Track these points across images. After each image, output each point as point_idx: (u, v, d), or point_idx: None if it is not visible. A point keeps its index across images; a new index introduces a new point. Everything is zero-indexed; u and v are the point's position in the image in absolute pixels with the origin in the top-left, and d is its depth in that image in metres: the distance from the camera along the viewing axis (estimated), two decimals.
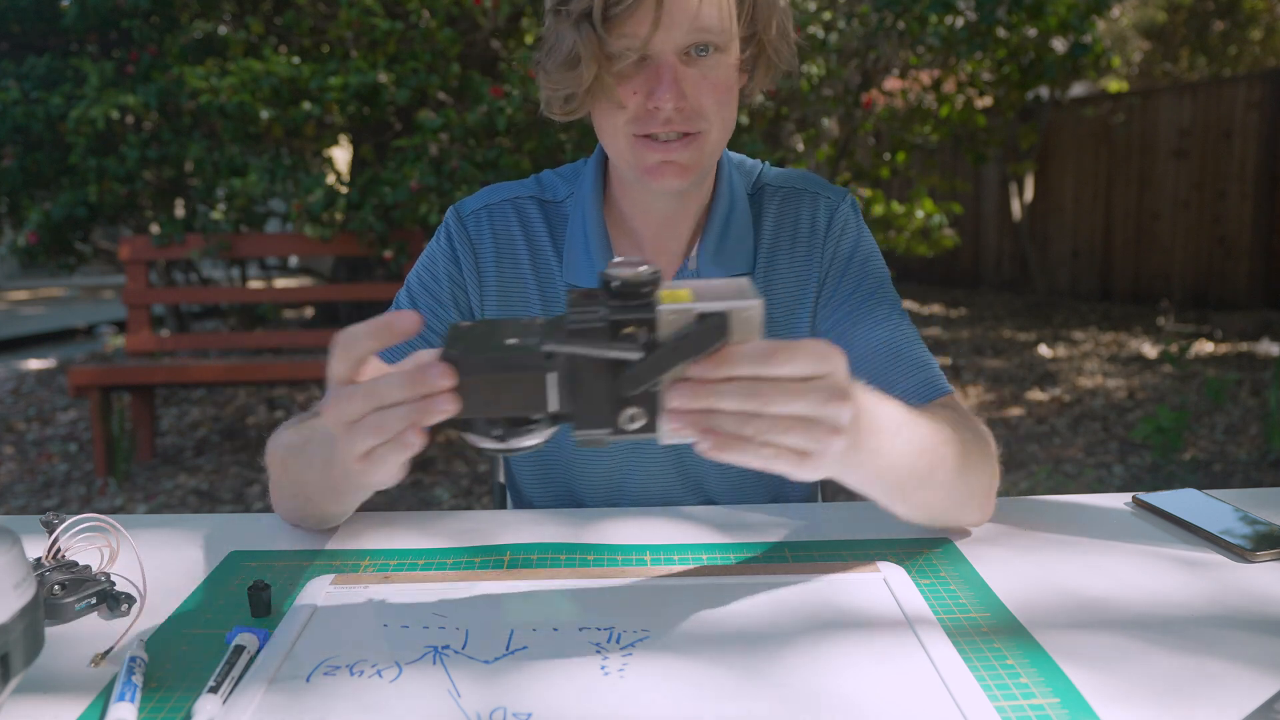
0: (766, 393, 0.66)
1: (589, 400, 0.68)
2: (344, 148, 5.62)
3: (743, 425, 0.67)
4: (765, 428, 0.67)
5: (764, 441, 0.68)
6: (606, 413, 0.68)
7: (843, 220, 1.12)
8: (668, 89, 0.94)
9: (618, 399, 0.67)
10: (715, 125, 0.99)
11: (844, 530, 0.99)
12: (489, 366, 0.66)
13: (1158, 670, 0.71)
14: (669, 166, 0.99)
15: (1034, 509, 1.05)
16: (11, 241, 4.98)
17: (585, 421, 0.68)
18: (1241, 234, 7.30)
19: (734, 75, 1.00)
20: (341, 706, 0.68)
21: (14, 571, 0.63)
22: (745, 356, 0.66)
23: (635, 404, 0.68)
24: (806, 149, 4.55)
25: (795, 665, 0.72)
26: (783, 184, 1.15)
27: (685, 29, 0.94)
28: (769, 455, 0.68)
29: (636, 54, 0.94)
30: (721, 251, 1.10)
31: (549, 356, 0.66)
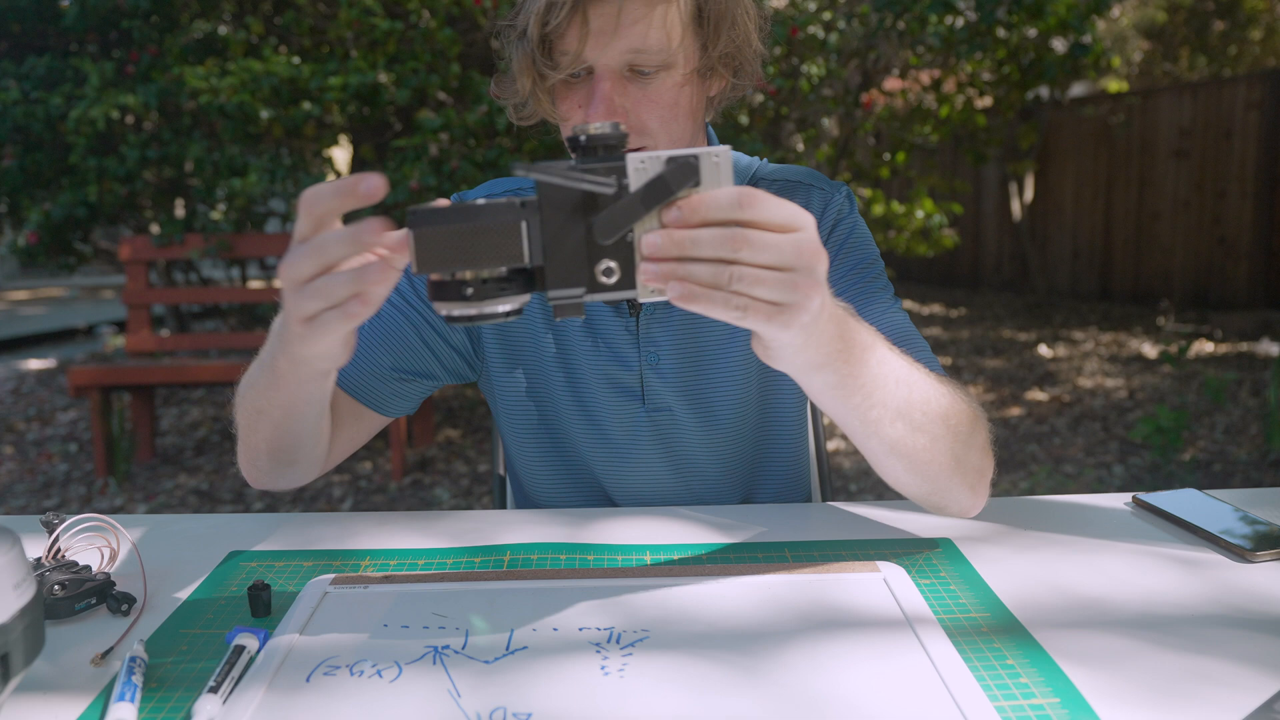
0: (740, 238, 0.65)
1: (564, 253, 0.66)
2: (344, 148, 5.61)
3: (717, 274, 0.66)
4: (738, 276, 0.66)
5: (737, 291, 0.66)
6: (582, 267, 0.66)
7: (836, 211, 1.12)
8: (598, 105, 0.95)
9: (593, 251, 0.66)
10: (661, 141, 0.99)
11: (844, 530, 1.00)
12: (457, 217, 0.64)
13: (1158, 670, 0.71)
14: None
15: (1034, 509, 1.05)
16: (11, 241, 4.98)
17: (560, 277, 0.66)
18: (1241, 234, 7.30)
19: (683, 91, 0.99)
20: (341, 706, 0.68)
21: (14, 571, 0.63)
22: (718, 201, 0.65)
23: (610, 256, 0.66)
24: (806, 149, 4.55)
25: (795, 665, 0.72)
26: (778, 177, 1.15)
27: (620, 48, 0.94)
28: (742, 306, 0.67)
29: (566, 71, 0.96)
30: None
31: (523, 205, 0.65)
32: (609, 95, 0.95)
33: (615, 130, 0.66)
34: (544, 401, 1.16)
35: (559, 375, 1.14)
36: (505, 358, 1.16)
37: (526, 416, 1.18)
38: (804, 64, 4.13)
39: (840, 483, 3.95)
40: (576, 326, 1.13)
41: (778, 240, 0.66)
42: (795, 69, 4.17)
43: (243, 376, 0.98)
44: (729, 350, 1.12)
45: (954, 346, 6.64)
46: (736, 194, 0.66)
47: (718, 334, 1.12)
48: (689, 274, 0.66)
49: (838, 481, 3.95)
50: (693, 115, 1.02)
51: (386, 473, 4.12)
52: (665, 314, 1.11)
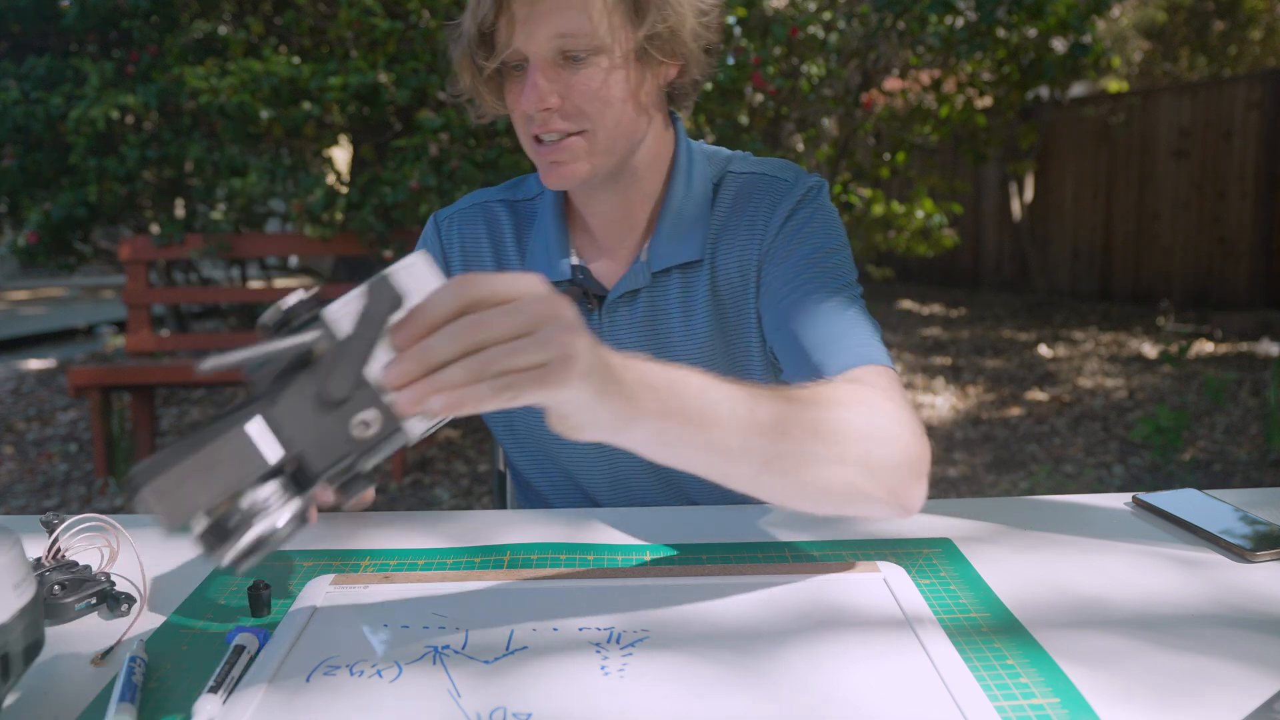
0: (476, 322, 0.60)
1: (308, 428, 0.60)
2: (344, 148, 5.61)
3: (469, 369, 0.60)
4: (489, 360, 0.60)
5: (498, 373, 0.60)
6: (336, 433, 0.60)
7: (791, 203, 1.08)
8: (529, 93, 0.97)
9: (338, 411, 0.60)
10: (600, 127, 1.00)
11: (844, 530, 1.00)
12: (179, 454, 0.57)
13: (1158, 670, 0.71)
14: (558, 166, 1.02)
15: (1034, 509, 1.05)
16: (11, 241, 4.98)
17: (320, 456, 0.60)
18: (1241, 234, 7.30)
19: (617, 76, 0.99)
20: (341, 706, 0.68)
21: (14, 571, 0.63)
22: (436, 301, 0.60)
23: (360, 408, 0.60)
24: (806, 149, 4.55)
25: (795, 665, 0.72)
26: (747, 170, 1.13)
27: (544, 36, 0.96)
28: (509, 385, 0.61)
29: (497, 60, 0.99)
30: (670, 244, 1.10)
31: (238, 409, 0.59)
32: (538, 82, 0.97)
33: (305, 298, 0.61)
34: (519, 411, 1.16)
35: None
36: None
37: (499, 421, 1.19)
38: (804, 64, 4.13)
39: None
40: None
41: (510, 308, 0.61)
42: (795, 69, 4.17)
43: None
44: (689, 342, 1.12)
45: (954, 346, 6.64)
46: (454, 284, 0.61)
47: (676, 325, 1.12)
48: (444, 383, 0.60)
49: None
50: (632, 102, 1.01)
51: (386, 473, 4.12)
52: (627, 308, 1.11)
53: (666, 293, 1.11)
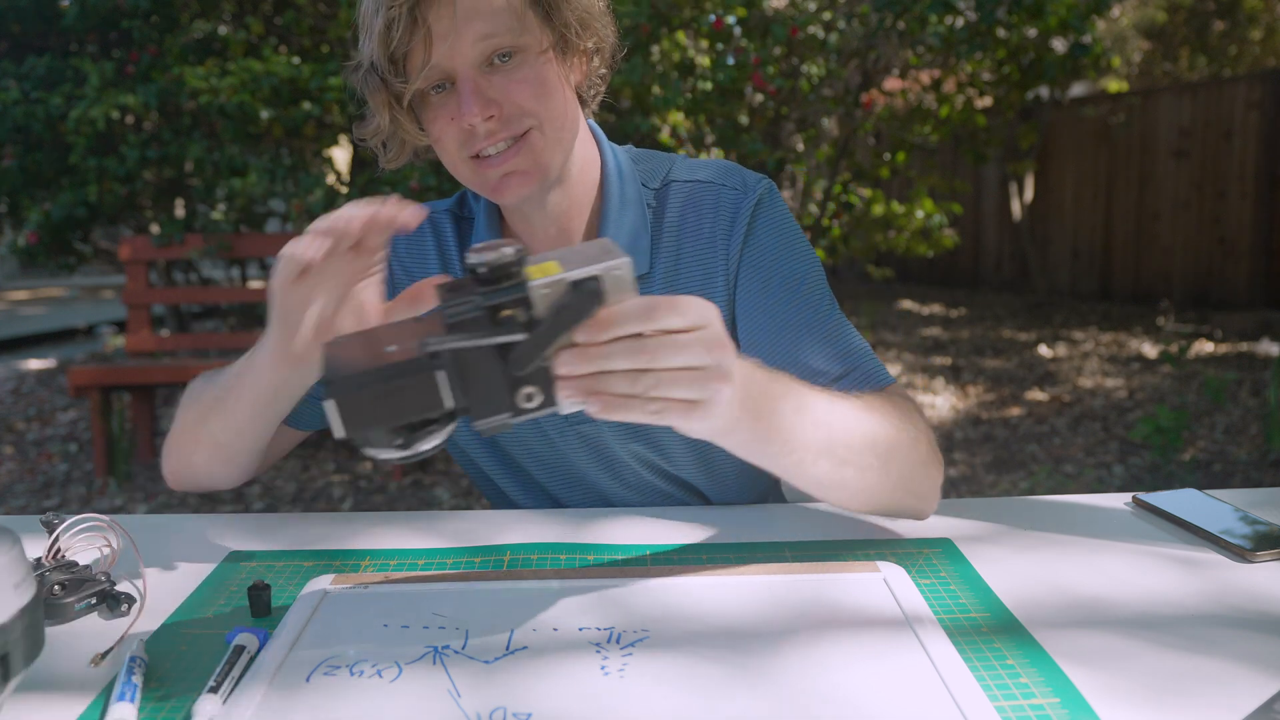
0: (651, 348, 0.67)
1: (483, 389, 0.66)
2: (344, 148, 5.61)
3: (632, 383, 0.67)
4: (653, 383, 0.68)
5: (653, 396, 0.68)
6: (503, 397, 0.67)
7: (750, 210, 1.06)
8: (470, 104, 0.93)
9: (511, 381, 0.67)
10: (545, 120, 0.97)
11: (844, 530, 1.00)
12: (374, 378, 0.64)
13: (1158, 670, 0.71)
14: (511, 177, 0.98)
15: (1034, 509, 1.05)
16: (11, 241, 4.98)
17: (483, 410, 0.67)
18: (1241, 234, 7.30)
19: (548, 67, 0.97)
20: (341, 706, 0.68)
21: (14, 571, 0.63)
22: (626, 316, 0.66)
23: (529, 382, 0.67)
24: (806, 149, 4.55)
25: (795, 665, 0.72)
26: (690, 178, 1.10)
27: (468, 42, 0.92)
28: (658, 409, 0.69)
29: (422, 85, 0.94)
30: None
31: (434, 355, 0.65)
32: (477, 91, 0.94)
33: (514, 255, 0.66)
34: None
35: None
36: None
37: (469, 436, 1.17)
38: (804, 64, 4.13)
39: None
40: None
41: (685, 341, 0.67)
42: (795, 69, 4.17)
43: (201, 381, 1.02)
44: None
45: (954, 346, 6.64)
46: (642, 306, 0.67)
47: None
48: (605, 388, 0.67)
49: None
50: (565, 94, 0.99)
51: (386, 473, 4.12)
52: None
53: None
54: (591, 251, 0.69)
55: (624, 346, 0.66)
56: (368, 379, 0.64)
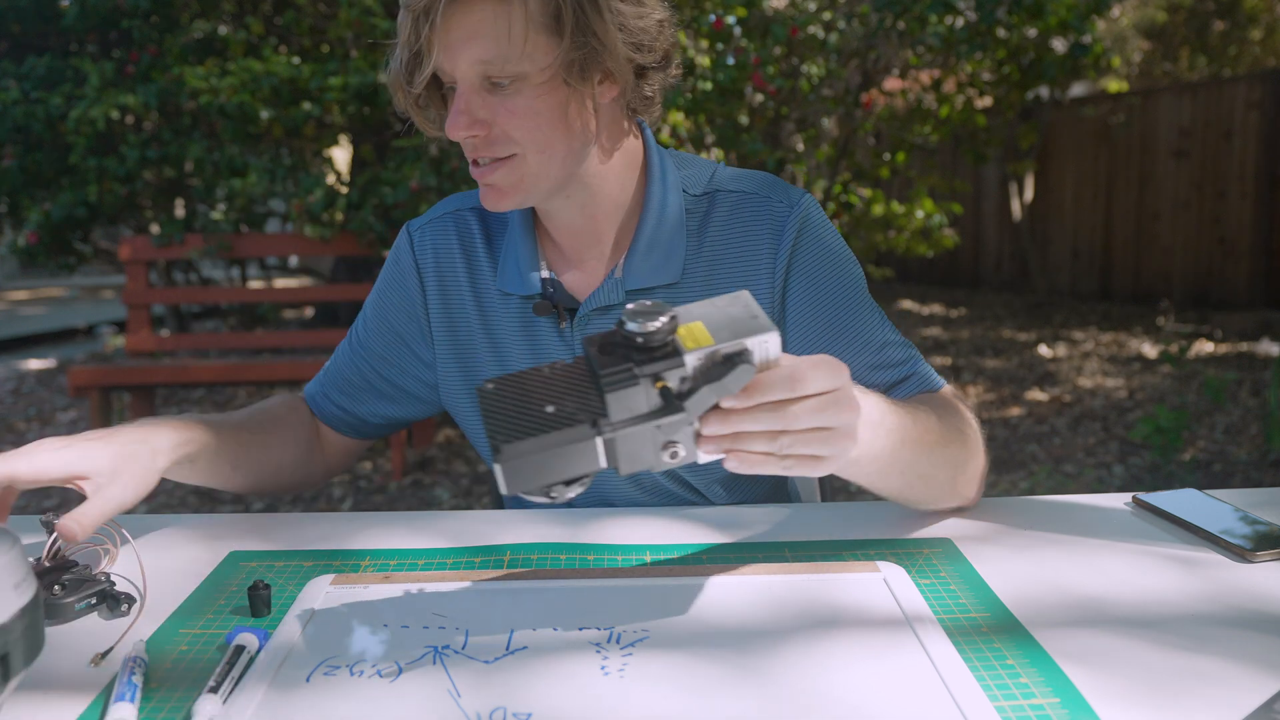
0: (792, 413, 0.72)
1: (634, 450, 0.71)
2: (344, 148, 5.61)
3: (768, 443, 0.73)
4: (789, 443, 0.73)
5: (786, 455, 0.74)
6: (651, 455, 0.72)
7: (798, 225, 1.07)
8: (454, 118, 0.97)
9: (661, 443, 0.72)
10: (529, 150, 0.98)
11: (844, 530, 1.00)
12: (539, 446, 0.69)
13: (1157, 670, 0.71)
14: (489, 190, 1.02)
15: (1034, 509, 1.05)
16: (11, 241, 4.98)
17: (630, 465, 0.72)
18: (1241, 234, 7.30)
19: (547, 98, 0.96)
20: (341, 706, 0.68)
21: (14, 571, 0.63)
22: (773, 386, 0.72)
23: (675, 440, 0.72)
24: (806, 149, 4.55)
25: (795, 665, 0.72)
26: (735, 188, 1.10)
27: (465, 62, 0.95)
28: (789, 465, 0.75)
29: (422, 83, 0.98)
30: (648, 263, 1.07)
31: (594, 424, 0.69)
32: (467, 108, 0.96)
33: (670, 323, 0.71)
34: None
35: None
36: (458, 375, 1.17)
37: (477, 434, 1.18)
38: (804, 64, 4.13)
39: (840, 483, 3.95)
40: (516, 339, 1.12)
41: (820, 405, 0.73)
42: (795, 69, 4.17)
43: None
44: None
45: (954, 346, 6.64)
46: (788, 377, 0.72)
47: None
48: (745, 446, 0.74)
49: (838, 481, 3.95)
50: (561, 125, 0.98)
51: (386, 473, 4.12)
52: (599, 322, 1.09)
53: None
54: (736, 312, 0.73)
55: (766, 410, 0.72)
56: (533, 447, 0.69)
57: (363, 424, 1.22)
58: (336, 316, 5.91)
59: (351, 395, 1.20)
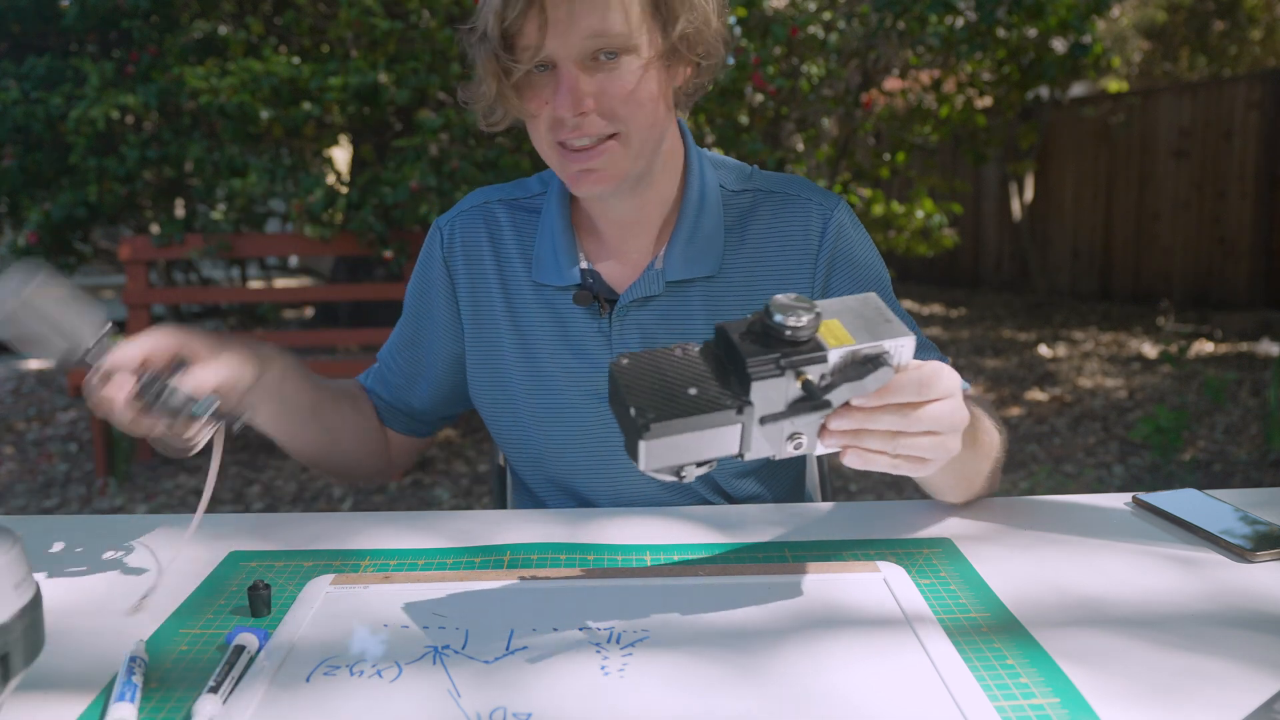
0: (913, 416, 0.75)
1: (766, 437, 0.73)
2: (344, 148, 5.61)
3: (886, 442, 0.76)
4: (905, 445, 0.76)
5: (897, 454, 0.77)
6: (778, 443, 0.74)
7: (837, 226, 1.11)
8: (564, 96, 0.96)
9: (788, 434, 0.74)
10: (633, 129, 0.99)
11: (844, 530, 1.00)
12: (684, 426, 0.70)
13: (1157, 670, 0.71)
14: (587, 174, 1.00)
15: (1034, 509, 1.05)
16: (11, 241, 4.98)
17: (756, 451, 0.74)
18: (1241, 234, 7.29)
19: (649, 76, 0.98)
20: (341, 706, 0.68)
21: (14, 571, 0.63)
22: (903, 388, 0.74)
23: (800, 429, 0.74)
24: (806, 149, 4.55)
25: (795, 665, 0.72)
26: (775, 188, 1.14)
27: (579, 36, 0.94)
28: (898, 464, 0.78)
29: (528, 66, 0.96)
30: (688, 255, 1.09)
31: (739, 410, 0.70)
32: (574, 85, 0.95)
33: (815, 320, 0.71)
34: (517, 412, 1.15)
35: (524, 384, 1.14)
36: (481, 366, 1.17)
37: (499, 427, 1.19)
38: (804, 64, 4.13)
39: (840, 483, 3.95)
40: (546, 331, 1.13)
41: (938, 410, 0.76)
42: (795, 69, 4.17)
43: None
44: None
45: (954, 346, 6.64)
46: (917, 381, 0.74)
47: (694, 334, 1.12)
48: (864, 444, 0.76)
49: (838, 481, 3.95)
50: (662, 102, 1.01)
51: None
52: (638, 313, 1.10)
53: (687, 304, 1.10)
54: (869, 314, 0.75)
55: (889, 415, 0.75)
56: (681, 427, 0.70)
57: (412, 415, 1.23)
58: (336, 316, 5.91)
59: (398, 386, 1.22)
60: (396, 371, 1.22)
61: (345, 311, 5.76)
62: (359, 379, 1.26)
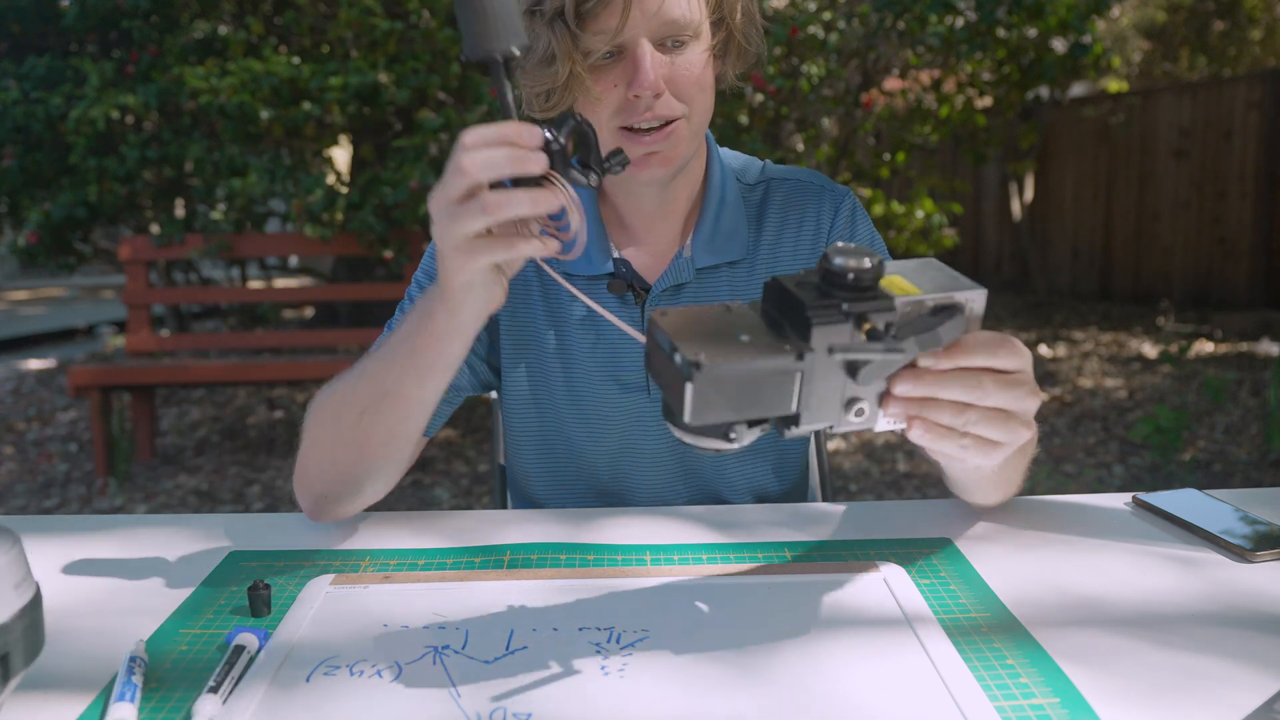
0: (986, 385, 0.69)
1: (821, 398, 0.66)
2: (344, 148, 5.61)
3: (955, 415, 0.70)
4: (975, 419, 0.70)
5: (967, 433, 0.70)
6: (835, 410, 0.67)
7: (848, 214, 1.16)
8: (646, 76, 0.96)
9: (847, 391, 0.67)
10: (694, 112, 1.02)
11: (844, 530, 1.00)
12: (738, 372, 0.63)
13: (1157, 670, 0.71)
14: (652, 158, 1.02)
15: (1034, 509, 1.05)
16: (11, 241, 4.98)
17: (813, 419, 0.67)
18: (1241, 234, 7.29)
19: (707, 63, 1.03)
20: (341, 706, 0.68)
21: (14, 571, 0.63)
22: (976, 348, 0.68)
23: (862, 395, 0.67)
24: (806, 149, 4.55)
25: (795, 665, 0.72)
26: (789, 177, 1.18)
27: (657, 21, 0.96)
28: (968, 444, 0.71)
29: (607, 47, 0.97)
30: (714, 240, 1.12)
31: (800, 356, 0.63)
32: (654, 64, 0.97)
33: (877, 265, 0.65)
34: (545, 399, 1.16)
35: (559, 371, 1.14)
36: (513, 354, 1.16)
37: (526, 414, 1.18)
38: (804, 64, 4.13)
39: (840, 483, 3.95)
40: (577, 319, 1.13)
41: (1011, 383, 0.70)
42: (795, 69, 4.17)
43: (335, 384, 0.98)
44: None
45: None
46: (992, 342, 0.69)
47: None
48: (932, 416, 0.70)
49: (838, 481, 3.95)
50: (712, 91, 1.05)
51: None
52: (670, 301, 1.12)
53: (715, 289, 1.13)
54: (932, 272, 0.69)
55: (962, 378, 0.68)
56: (731, 371, 0.62)
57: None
58: (336, 316, 5.91)
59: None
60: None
61: (345, 311, 5.76)
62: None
